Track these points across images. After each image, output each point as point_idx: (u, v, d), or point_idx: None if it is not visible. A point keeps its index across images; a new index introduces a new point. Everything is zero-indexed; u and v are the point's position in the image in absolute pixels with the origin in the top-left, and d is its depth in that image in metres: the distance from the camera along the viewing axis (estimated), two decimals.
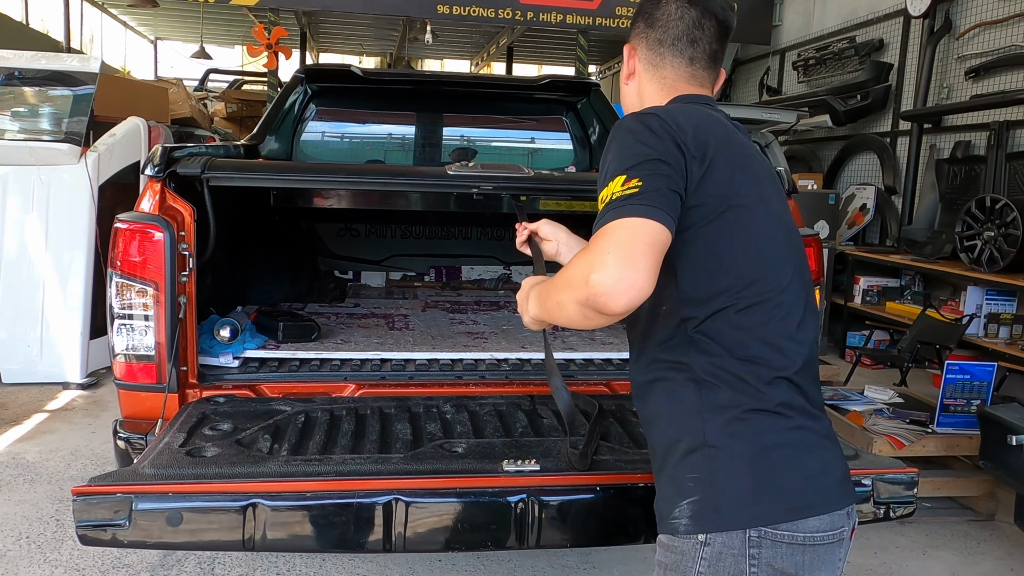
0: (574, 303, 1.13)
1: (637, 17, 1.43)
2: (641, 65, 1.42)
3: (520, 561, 2.78)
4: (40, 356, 4.53)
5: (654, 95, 1.41)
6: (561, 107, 4.10)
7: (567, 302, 1.15)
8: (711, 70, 1.40)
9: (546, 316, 1.30)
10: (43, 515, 3.01)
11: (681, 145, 1.19)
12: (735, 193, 1.23)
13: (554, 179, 2.46)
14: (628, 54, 1.45)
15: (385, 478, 1.65)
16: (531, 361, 2.52)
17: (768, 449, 1.18)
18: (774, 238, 1.27)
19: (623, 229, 1.10)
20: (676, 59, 1.38)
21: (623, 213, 1.11)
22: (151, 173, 2.13)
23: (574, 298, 1.13)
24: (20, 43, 8.33)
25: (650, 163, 1.16)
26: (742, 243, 1.22)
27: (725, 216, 1.21)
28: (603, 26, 8.48)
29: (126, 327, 2.10)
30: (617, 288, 1.06)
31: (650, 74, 1.41)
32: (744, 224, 1.23)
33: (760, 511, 1.16)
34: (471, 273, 4.21)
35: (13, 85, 4.82)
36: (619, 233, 1.10)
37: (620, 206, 1.12)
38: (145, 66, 16.70)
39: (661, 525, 1.26)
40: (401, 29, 12.46)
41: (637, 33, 1.43)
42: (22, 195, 4.55)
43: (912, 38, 6.56)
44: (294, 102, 3.72)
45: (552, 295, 1.22)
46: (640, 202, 1.11)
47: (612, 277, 1.06)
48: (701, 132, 1.22)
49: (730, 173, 1.23)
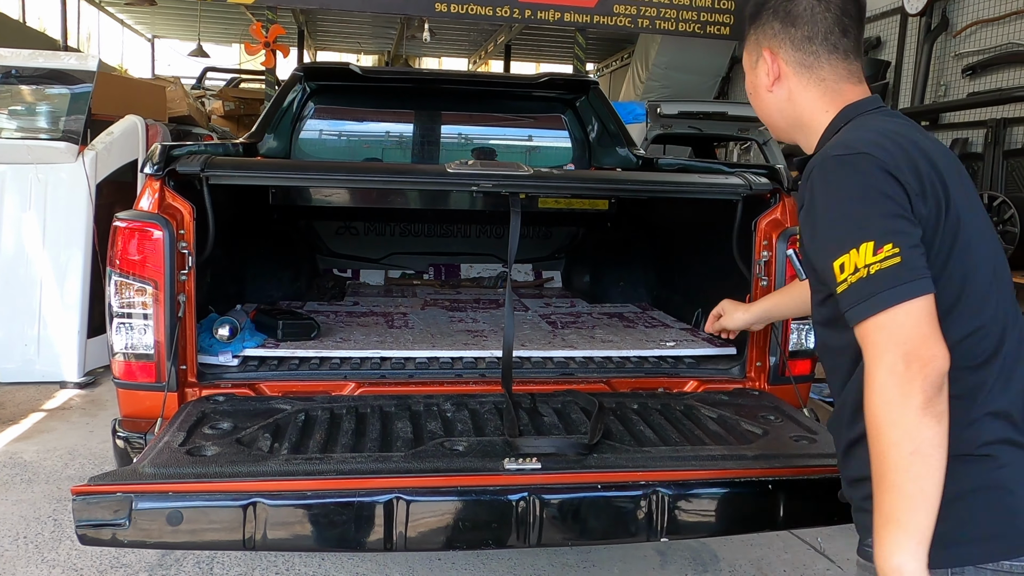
0: (915, 413, 1.03)
1: (767, 17, 1.32)
2: (790, 68, 1.30)
3: (520, 559, 2.78)
4: (37, 355, 4.51)
5: (814, 101, 1.30)
6: (560, 105, 4.10)
7: (909, 418, 1.04)
8: (861, 59, 1.31)
9: (913, 481, 1.05)
10: (41, 515, 3.00)
11: (906, 186, 1.11)
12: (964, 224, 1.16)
13: (553, 177, 2.45)
14: (769, 59, 1.32)
15: (386, 477, 1.65)
16: (531, 359, 2.52)
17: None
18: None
19: (909, 319, 1.05)
20: (832, 55, 1.27)
21: (900, 296, 1.05)
22: (150, 171, 2.12)
23: (914, 408, 1.03)
24: (17, 41, 8.31)
25: (892, 220, 1.08)
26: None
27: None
28: (601, 24, 8.47)
29: (125, 326, 2.09)
30: (934, 367, 1.04)
31: (804, 77, 1.30)
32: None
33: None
34: (470, 271, 4.21)
35: (10, 83, 4.80)
36: (906, 326, 1.05)
37: (892, 286, 1.05)
38: (142, 64, 16.69)
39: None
40: (399, 27, 12.45)
41: (773, 34, 1.31)
42: (20, 193, 4.54)
43: (909, 36, 6.57)
44: (292, 100, 3.71)
45: (896, 447, 1.05)
46: (910, 276, 1.05)
47: (926, 369, 1.03)
48: (920, 162, 1.14)
49: (957, 209, 1.16)
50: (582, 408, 2.13)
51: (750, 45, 1.37)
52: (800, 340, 2.39)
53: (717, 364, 2.54)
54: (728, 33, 8.69)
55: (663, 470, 1.74)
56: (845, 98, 1.28)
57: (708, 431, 2.02)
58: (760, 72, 1.35)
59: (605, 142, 3.88)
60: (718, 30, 8.65)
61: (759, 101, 1.38)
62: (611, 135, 3.84)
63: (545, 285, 4.20)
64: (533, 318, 3.13)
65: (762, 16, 1.33)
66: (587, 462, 1.74)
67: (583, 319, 3.14)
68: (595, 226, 4.13)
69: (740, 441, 1.94)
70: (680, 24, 8.56)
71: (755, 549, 2.94)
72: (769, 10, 1.31)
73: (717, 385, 2.41)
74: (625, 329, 2.94)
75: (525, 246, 4.16)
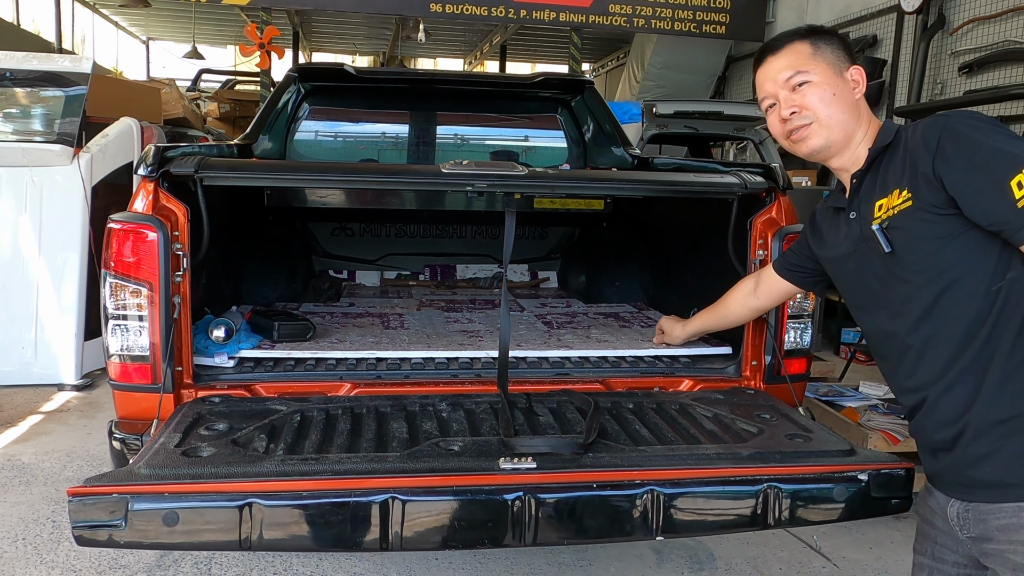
0: None
1: (841, 40, 1.61)
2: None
3: (517, 558, 2.78)
4: (35, 357, 4.51)
5: (867, 115, 1.59)
6: (555, 105, 4.10)
7: None
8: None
9: None
10: (39, 516, 3.00)
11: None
12: None
13: (548, 176, 2.45)
14: (857, 73, 1.58)
15: (381, 476, 1.65)
16: (526, 359, 2.52)
17: None
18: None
19: None
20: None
21: None
22: (144, 173, 2.12)
23: None
24: (11, 44, 8.29)
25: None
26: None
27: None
28: (596, 24, 8.48)
29: (120, 328, 2.09)
30: None
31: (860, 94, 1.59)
32: None
33: None
34: (466, 272, 4.21)
35: (5, 86, 4.79)
36: None
37: None
38: (137, 66, 16.65)
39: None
40: (394, 28, 12.45)
41: (851, 54, 1.61)
42: (15, 196, 4.53)
43: (906, 34, 6.58)
44: (287, 101, 3.71)
45: None
46: None
47: None
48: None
49: None
50: (578, 408, 2.13)
51: (834, 54, 1.58)
52: (796, 339, 2.40)
53: (713, 363, 2.55)
54: (724, 32, 8.71)
55: (659, 469, 1.74)
56: (874, 117, 1.60)
57: (704, 430, 2.02)
58: (850, 80, 1.57)
59: (601, 142, 3.89)
60: (714, 29, 8.66)
61: (845, 104, 1.56)
62: (607, 135, 3.84)
63: (541, 285, 4.21)
64: (529, 318, 3.13)
65: (838, 37, 1.61)
66: (582, 461, 1.74)
67: (579, 319, 3.14)
68: (591, 226, 4.13)
69: (736, 440, 1.94)
70: (676, 23, 8.57)
71: (751, 547, 2.95)
72: (843, 35, 1.64)
73: (713, 384, 2.41)
74: (621, 329, 2.95)
75: (521, 246, 4.16)
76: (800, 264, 1.92)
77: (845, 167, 1.60)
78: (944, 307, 1.40)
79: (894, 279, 1.47)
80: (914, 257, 1.42)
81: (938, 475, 1.50)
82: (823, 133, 1.56)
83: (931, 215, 1.37)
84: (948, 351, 1.41)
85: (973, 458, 1.39)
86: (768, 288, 2.09)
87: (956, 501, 1.46)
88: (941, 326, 1.41)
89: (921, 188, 1.38)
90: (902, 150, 1.45)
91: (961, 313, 1.38)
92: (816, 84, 1.55)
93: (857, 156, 1.56)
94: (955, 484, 1.45)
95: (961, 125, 1.34)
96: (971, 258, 1.37)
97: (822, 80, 1.55)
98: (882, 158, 1.50)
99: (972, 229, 1.35)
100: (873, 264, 1.51)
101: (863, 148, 1.55)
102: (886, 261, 1.46)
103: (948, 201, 1.35)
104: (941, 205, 1.36)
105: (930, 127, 1.38)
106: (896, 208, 1.42)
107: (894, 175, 1.45)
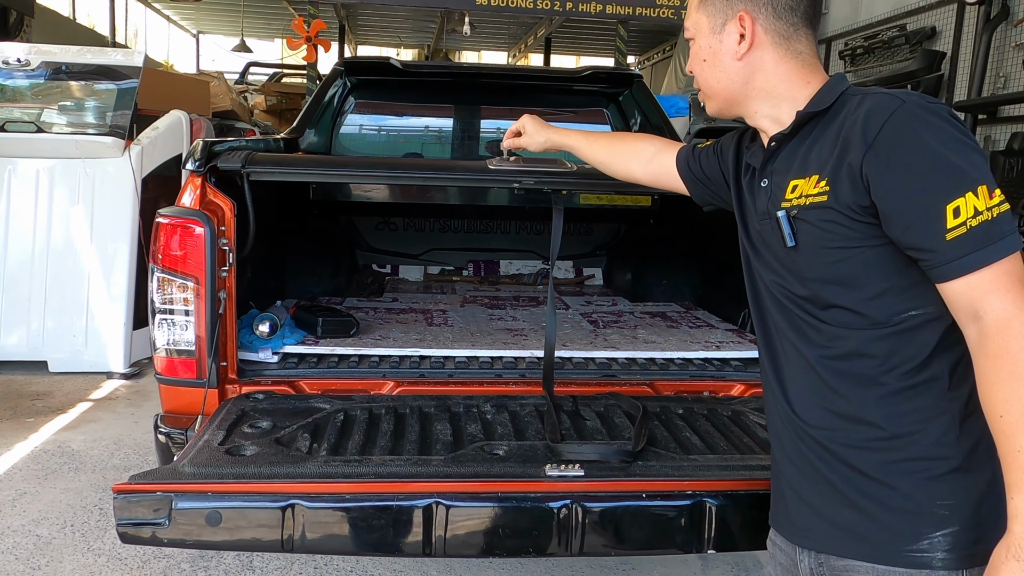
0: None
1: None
2: (768, 37, 1.21)
3: (558, 559, 2.73)
4: (85, 346, 4.61)
5: (787, 75, 1.22)
6: (602, 99, 4.03)
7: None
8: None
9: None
10: (87, 503, 3.05)
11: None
12: None
13: (596, 173, 2.39)
14: (749, 25, 1.21)
15: (425, 481, 1.62)
16: (572, 360, 2.47)
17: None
18: None
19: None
20: (808, 30, 1.21)
21: (1018, 241, 1.03)
22: (192, 168, 2.12)
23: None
24: (67, 38, 8.50)
25: (986, 166, 1.06)
26: None
27: None
28: (643, 16, 8.35)
29: (167, 321, 2.09)
30: None
31: (781, 49, 1.21)
32: None
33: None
34: (509, 268, 4.17)
35: (60, 79, 4.90)
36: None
37: (1013, 230, 1.03)
38: (187, 60, 16.98)
39: (891, 557, 1.13)
40: (439, 21, 12.46)
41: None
42: (68, 188, 4.63)
43: (967, 25, 6.33)
44: (333, 95, 3.71)
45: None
46: (1013, 224, 1.04)
47: None
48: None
49: None
50: (625, 412, 2.07)
51: (715, 6, 1.25)
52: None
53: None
54: None
55: (711, 480, 1.67)
56: (820, 74, 1.22)
57: (757, 439, 1.94)
58: (729, 37, 1.23)
59: None
60: None
61: (718, 69, 1.26)
62: (654, 129, 3.75)
63: (586, 283, 4.15)
64: (574, 317, 3.08)
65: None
66: (632, 470, 1.69)
67: (625, 318, 3.07)
68: (637, 222, 4.05)
69: None
70: None
71: None
72: None
73: None
74: (668, 329, 2.87)
75: (566, 243, 4.09)
76: (706, 177, 1.56)
77: (764, 128, 1.29)
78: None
79: (790, 274, 1.23)
80: (816, 261, 1.17)
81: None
82: (708, 101, 1.34)
83: (845, 217, 1.11)
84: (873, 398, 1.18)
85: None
86: (660, 170, 1.70)
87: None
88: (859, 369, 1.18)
89: (842, 184, 1.10)
90: (839, 124, 1.14)
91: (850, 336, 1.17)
92: (695, 45, 1.30)
93: (777, 118, 1.25)
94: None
95: (911, 118, 1.05)
96: (878, 278, 1.13)
97: (699, 40, 1.29)
98: (816, 124, 1.19)
99: (889, 244, 1.10)
100: (773, 246, 1.26)
101: (785, 111, 1.23)
102: (787, 253, 1.21)
103: (869, 207, 1.09)
104: (858, 210, 1.10)
105: (877, 109, 1.09)
106: (809, 199, 1.15)
107: (819, 154, 1.15)
